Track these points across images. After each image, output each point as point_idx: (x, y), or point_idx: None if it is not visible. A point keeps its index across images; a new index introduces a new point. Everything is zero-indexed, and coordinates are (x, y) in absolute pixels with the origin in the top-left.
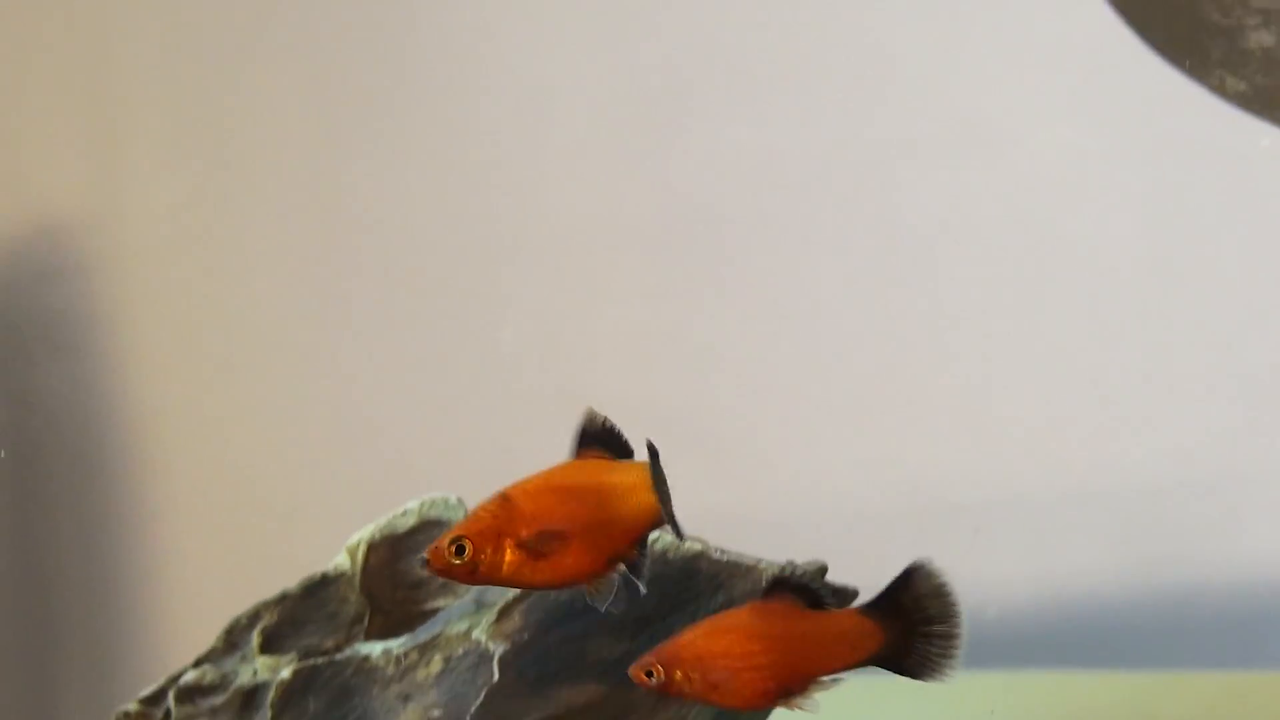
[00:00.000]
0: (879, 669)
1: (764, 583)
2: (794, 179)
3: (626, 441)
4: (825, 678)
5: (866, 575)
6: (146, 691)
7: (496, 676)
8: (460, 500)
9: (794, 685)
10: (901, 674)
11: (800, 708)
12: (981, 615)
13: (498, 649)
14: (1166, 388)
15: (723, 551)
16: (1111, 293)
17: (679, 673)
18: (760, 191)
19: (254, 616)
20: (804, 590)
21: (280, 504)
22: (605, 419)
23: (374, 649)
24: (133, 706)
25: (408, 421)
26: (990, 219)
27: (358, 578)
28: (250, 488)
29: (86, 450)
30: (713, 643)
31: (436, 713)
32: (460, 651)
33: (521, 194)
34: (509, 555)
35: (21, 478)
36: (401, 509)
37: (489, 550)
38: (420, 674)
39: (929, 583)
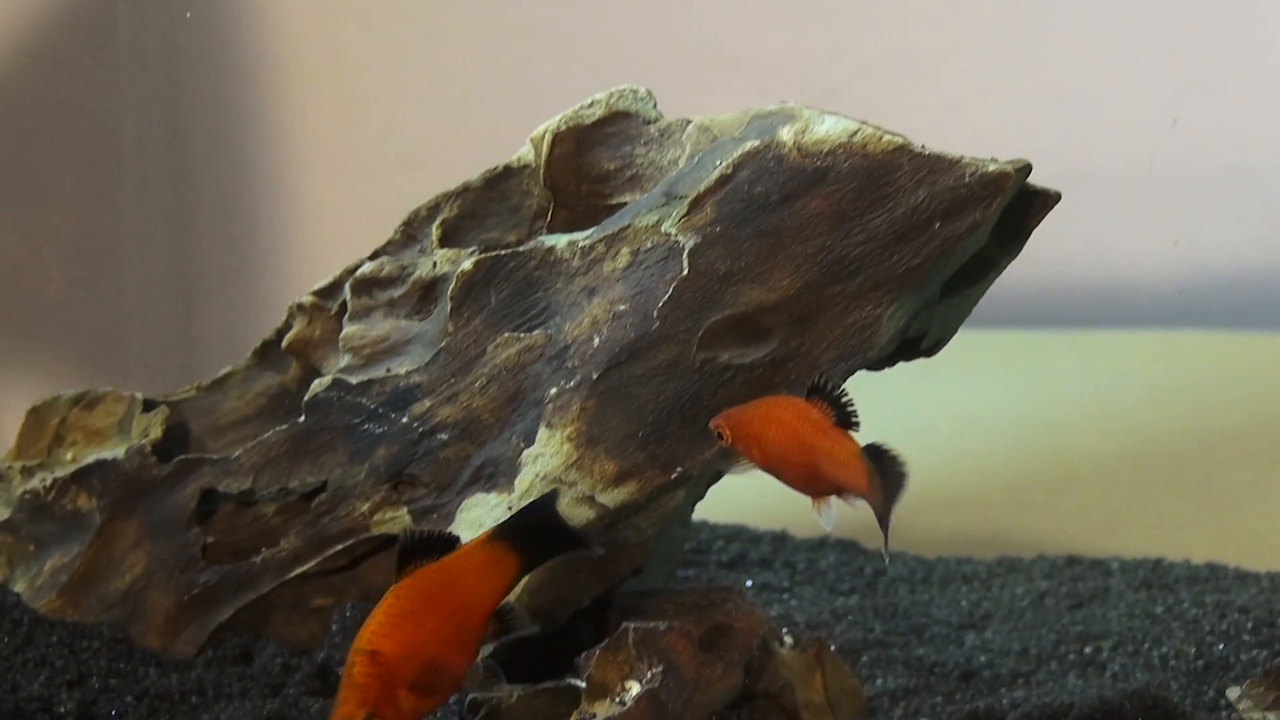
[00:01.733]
0: None
1: None
2: None
3: (451, 536)
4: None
5: None
6: (321, 284)
7: (686, 270)
8: (649, 92)
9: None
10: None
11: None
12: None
13: (688, 242)
14: None
15: (925, 146)
16: None
17: (740, 444)
18: None
19: (433, 209)
20: (835, 403)
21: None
22: (421, 531)
23: (559, 241)
24: (307, 299)
25: (551, 52)
26: None
27: (542, 170)
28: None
29: (251, 48)
30: (768, 429)
31: (623, 307)
32: (648, 245)
33: None
34: (405, 701)
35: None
36: (589, 99)
37: (388, 709)
38: (606, 267)
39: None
